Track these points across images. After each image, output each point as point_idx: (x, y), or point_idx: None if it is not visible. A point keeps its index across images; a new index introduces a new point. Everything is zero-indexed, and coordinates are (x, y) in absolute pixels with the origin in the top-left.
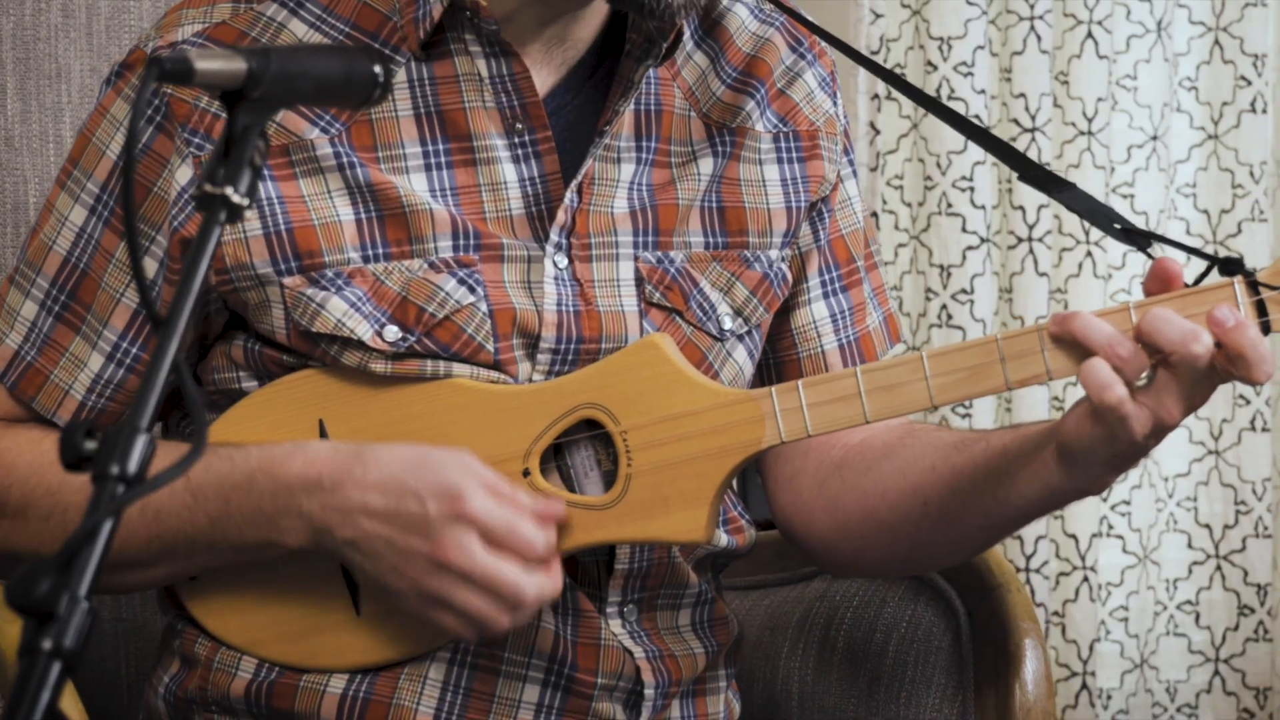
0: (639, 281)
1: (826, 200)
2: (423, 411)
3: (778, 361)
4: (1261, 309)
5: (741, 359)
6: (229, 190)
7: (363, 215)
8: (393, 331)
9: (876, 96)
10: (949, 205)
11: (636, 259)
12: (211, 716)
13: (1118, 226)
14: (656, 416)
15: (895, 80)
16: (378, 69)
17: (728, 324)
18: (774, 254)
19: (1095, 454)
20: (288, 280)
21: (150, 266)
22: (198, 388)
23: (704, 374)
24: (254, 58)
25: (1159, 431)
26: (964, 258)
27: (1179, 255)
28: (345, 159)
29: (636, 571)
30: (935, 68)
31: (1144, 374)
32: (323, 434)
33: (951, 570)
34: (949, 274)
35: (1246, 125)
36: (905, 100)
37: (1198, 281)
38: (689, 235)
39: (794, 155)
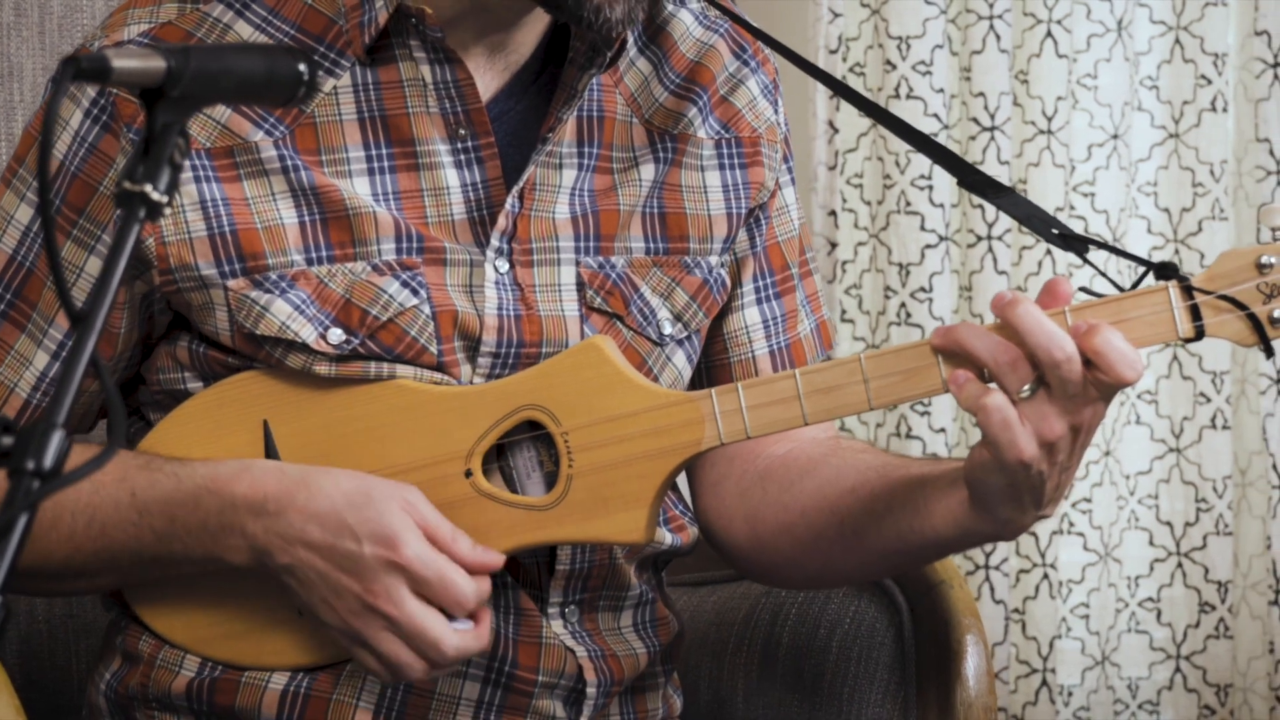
0: (580, 286)
1: (764, 207)
2: (367, 412)
3: (709, 365)
4: (1196, 313)
5: (681, 364)
6: (148, 188)
7: (306, 218)
8: (336, 334)
9: (835, 95)
10: (908, 204)
11: (578, 264)
12: (152, 713)
13: (1055, 232)
14: (597, 418)
15: (830, 81)
16: (303, 68)
17: (668, 329)
18: (714, 260)
19: (992, 485)
20: (231, 283)
21: (95, 265)
22: (142, 388)
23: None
24: (173, 56)
25: (1046, 449)
26: (923, 256)
27: (1108, 259)
28: (289, 161)
29: (577, 573)
30: (894, 66)
31: (1026, 386)
32: (268, 435)
33: None
34: (908, 272)
35: (1207, 124)
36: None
37: (1134, 286)
38: (630, 241)
39: (735, 162)
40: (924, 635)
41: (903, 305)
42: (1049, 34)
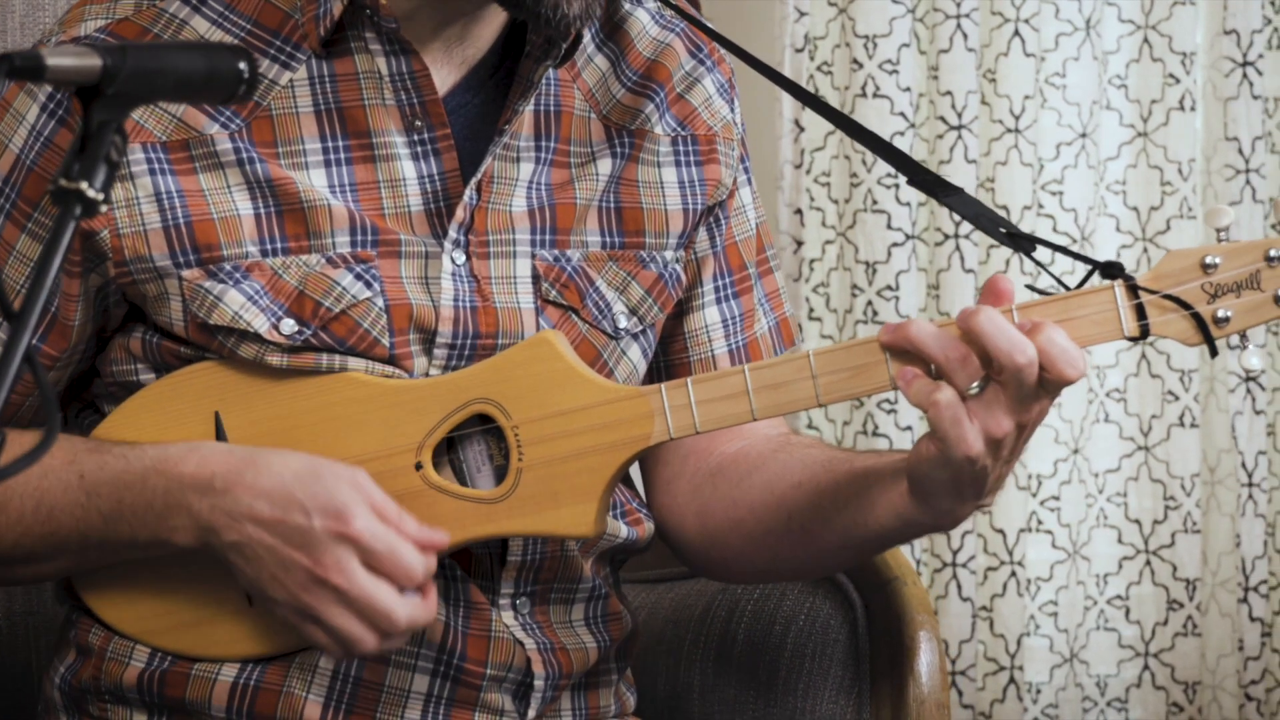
0: (536, 279)
1: (723, 206)
2: (318, 404)
3: (669, 364)
4: (1141, 312)
5: (636, 358)
6: (83, 185)
7: (261, 210)
8: (289, 324)
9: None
10: (875, 202)
11: (534, 257)
12: (105, 706)
13: (1003, 230)
14: (548, 411)
15: (776, 77)
16: (243, 65)
17: (623, 323)
18: (669, 255)
19: (935, 478)
20: (186, 273)
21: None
22: (96, 380)
23: (599, 372)
24: (109, 54)
25: (992, 446)
26: (890, 254)
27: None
28: (245, 154)
29: (529, 564)
30: (861, 65)
31: (975, 383)
32: (219, 426)
33: None
34: (875, 270)
35: (1175, 123)
36: (833, 96)
37: (1080, 285)
38: (586, 235)
39: (691, 158)
40: (878, 631)
41: (869, 304)
42: (1017, 33)
